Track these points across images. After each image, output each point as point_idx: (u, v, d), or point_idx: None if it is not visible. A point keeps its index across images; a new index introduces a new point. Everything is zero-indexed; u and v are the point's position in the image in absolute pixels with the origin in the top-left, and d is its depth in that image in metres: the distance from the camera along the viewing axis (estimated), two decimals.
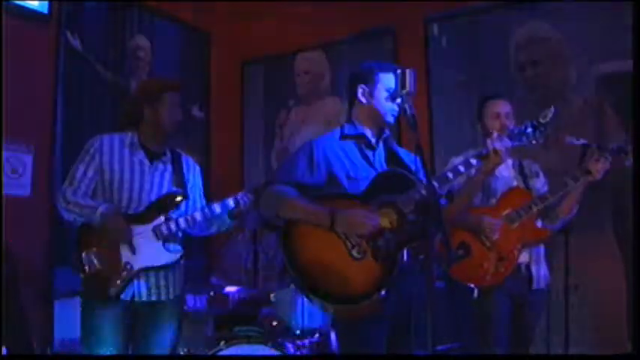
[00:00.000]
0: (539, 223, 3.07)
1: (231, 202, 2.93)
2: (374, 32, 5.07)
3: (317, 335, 3.69)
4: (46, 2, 4.22)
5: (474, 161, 2.54)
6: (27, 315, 3.50)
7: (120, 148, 2.89)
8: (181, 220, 2.84)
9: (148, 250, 2.76)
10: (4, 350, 3.08)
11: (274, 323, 3.64)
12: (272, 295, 3.76)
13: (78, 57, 4.49)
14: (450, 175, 2.49)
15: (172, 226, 2.82)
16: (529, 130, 2.57)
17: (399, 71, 2.23)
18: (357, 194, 2.45)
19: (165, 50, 5.20)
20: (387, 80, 2.55)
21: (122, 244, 2.74)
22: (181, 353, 3.66)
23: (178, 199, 2.89)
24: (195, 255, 5.14)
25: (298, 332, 3.60)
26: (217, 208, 2.91)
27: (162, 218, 2.83)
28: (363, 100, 2.58)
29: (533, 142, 2.59)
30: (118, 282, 2.69)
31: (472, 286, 2.94)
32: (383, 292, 2.32)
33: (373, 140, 2.61)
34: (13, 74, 3.84)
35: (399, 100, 2.47)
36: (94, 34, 4.64)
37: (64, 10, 4.40)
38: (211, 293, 3.79)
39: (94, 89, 4.53)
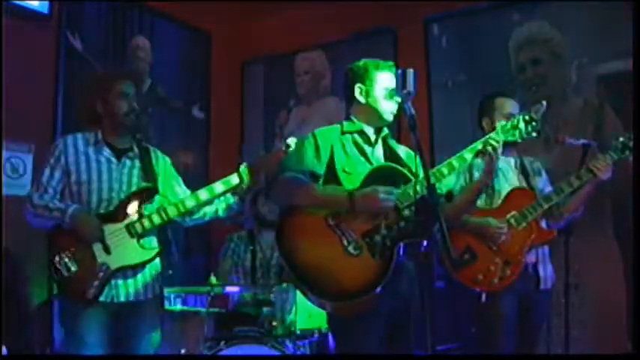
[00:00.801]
0: (543, 223, 3.06)
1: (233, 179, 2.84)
2: (374, 32, 5.07)
3: (317, 335, 3.69)
4: (46, 2, 4.22)
5: (468, 156, 2.54)
6: (27, 315, 3.51)
7: (85, 147, 2.81)
8: (154, 216, 2.77)
9: (123, 249, 2.69)
10: (4, 350, 3.08)
11: (274, 323, 3.63)
12: (272, 296, 3.75)
13: (78, 57, 4.49)
14: (445, 170, 2.49)
15: (146, 222, 2.75)
16: (521, 124, 2.57)
17: (399, 71, 2.23)
18: (353, 188, 2.46)
19: (165, 50, 5.20)
20: (385, 79, 2.56)
21: (95, 244, 2.67)
22: (181, 353, 3.66)
23: (148, 194, 2.81)
24: (195, 255, 5.17)
25: (298, 332, 3.59)
26: (202, 194, 2.84)
27: (135, 215, 2.75)
28: (361, 99, 2.59)
29: (525, 136, 2.59)
30: (95, 284, 2.63)
31: (479, 290, 2.92)
32: (379, 289, 2.32)
33: (372, 137, 2.61)
34: (13, 74, 3.84)
35: (398, 99, 2.48)
36: (94, 34, 4.64)
37: (64, 10, 4.41)
38: (211, 293, 3.78)
39: None
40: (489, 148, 2.52)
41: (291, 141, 2.80)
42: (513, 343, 2.92)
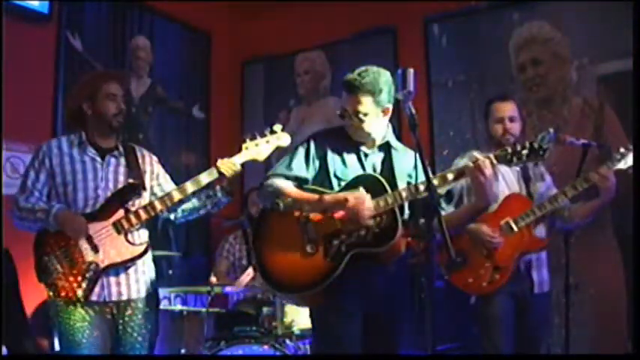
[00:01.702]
0: (541, 231, 3.04)
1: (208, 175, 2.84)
2: (374, 32, 5.08)
3: None
4: (46, 2, 4.22)
5: (450, 176, 2.50)
6: (27, 315, 3.51)
7: (69, 149, 2.81)
8: (141, 212, 2.76)
9: (111, 247, 2.69)
10: (4, 350, 3.08)
11: (274, 323, 3.64)
12: (272, 295, 3.75)
13: (78, 57, 4.49)
14: (421, 187, 2.46)
15: (132, 218, 2.74)
16: (525, 151, 2.47)
17: (399, 71, 2.23)
18: (330, 192, 2.55)
19: (165, 50, 5.20)
20: (344, 100, 2.62)
21: (82, 243, 2.66)
22: (181, 353, 3.67)
23: (134, 190, 2.80)
24: (195, 255, 5.17)
25: (298, 332, 3.60)
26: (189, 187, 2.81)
27: (121, 212, 2.74)
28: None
29: (527, 164, 2.56)
30: (84, 283, 2.63)
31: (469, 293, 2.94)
32: (353, 282, 2.42)
33: (364, 149, 2.65)
34: (13, 74, 3.84)
35: (352, 121, 2.57)
36: (94, 34, 4.64)
37: (64, 10, 4.41)
38: (211, 293, 3.79)
39: None
40: (480, 170, 2.43)
41: (277, 127, 2.91)
42: (511, 343, 2.92)
